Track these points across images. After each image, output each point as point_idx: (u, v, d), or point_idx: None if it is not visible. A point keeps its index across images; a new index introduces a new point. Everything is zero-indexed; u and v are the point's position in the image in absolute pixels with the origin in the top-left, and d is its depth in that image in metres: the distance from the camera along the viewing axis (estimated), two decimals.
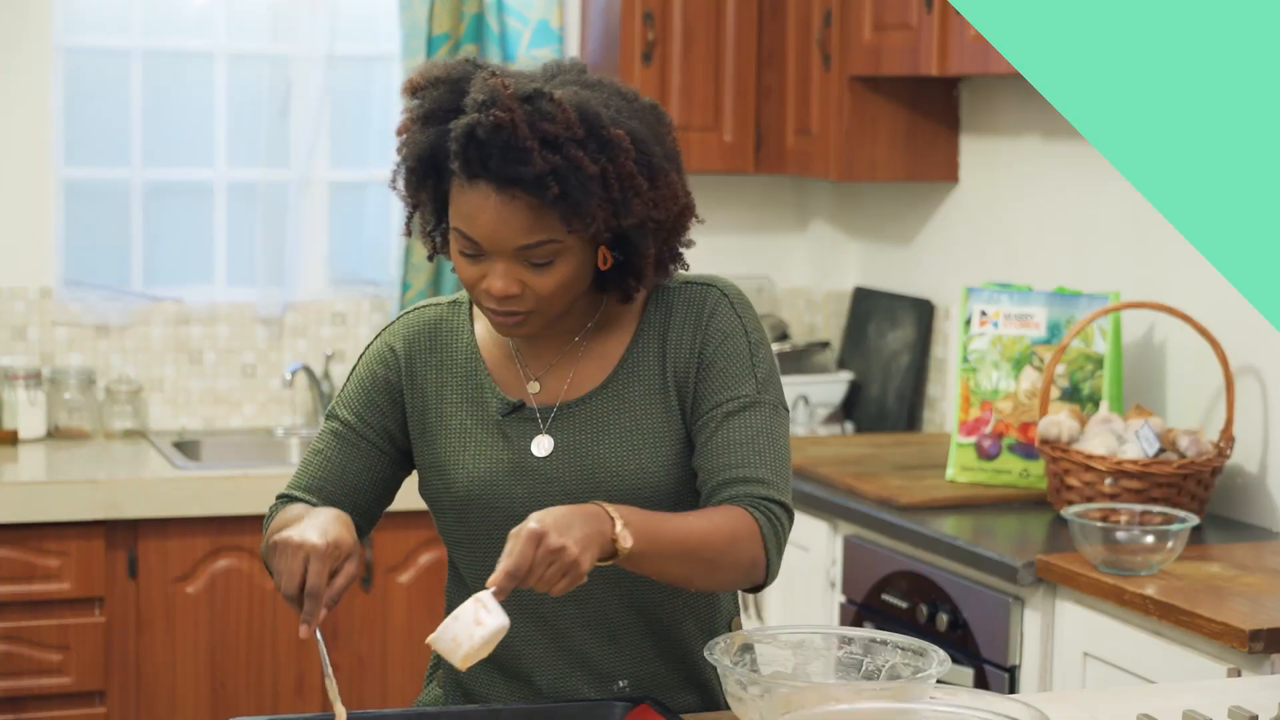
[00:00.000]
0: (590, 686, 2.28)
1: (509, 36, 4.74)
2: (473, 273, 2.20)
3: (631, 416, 2.28)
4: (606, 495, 2.23)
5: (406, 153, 2.23)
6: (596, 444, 2.27)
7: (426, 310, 2.37)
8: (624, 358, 2.30)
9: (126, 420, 4.59)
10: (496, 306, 2.20)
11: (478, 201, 2.15)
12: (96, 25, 4.63)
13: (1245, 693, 2.33)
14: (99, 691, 4.09)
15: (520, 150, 2.11)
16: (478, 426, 2.30)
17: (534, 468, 2.27)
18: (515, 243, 2.15)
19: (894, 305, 4.72)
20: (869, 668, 2.15)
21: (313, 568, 2.08)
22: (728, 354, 2.28)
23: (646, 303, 2.32)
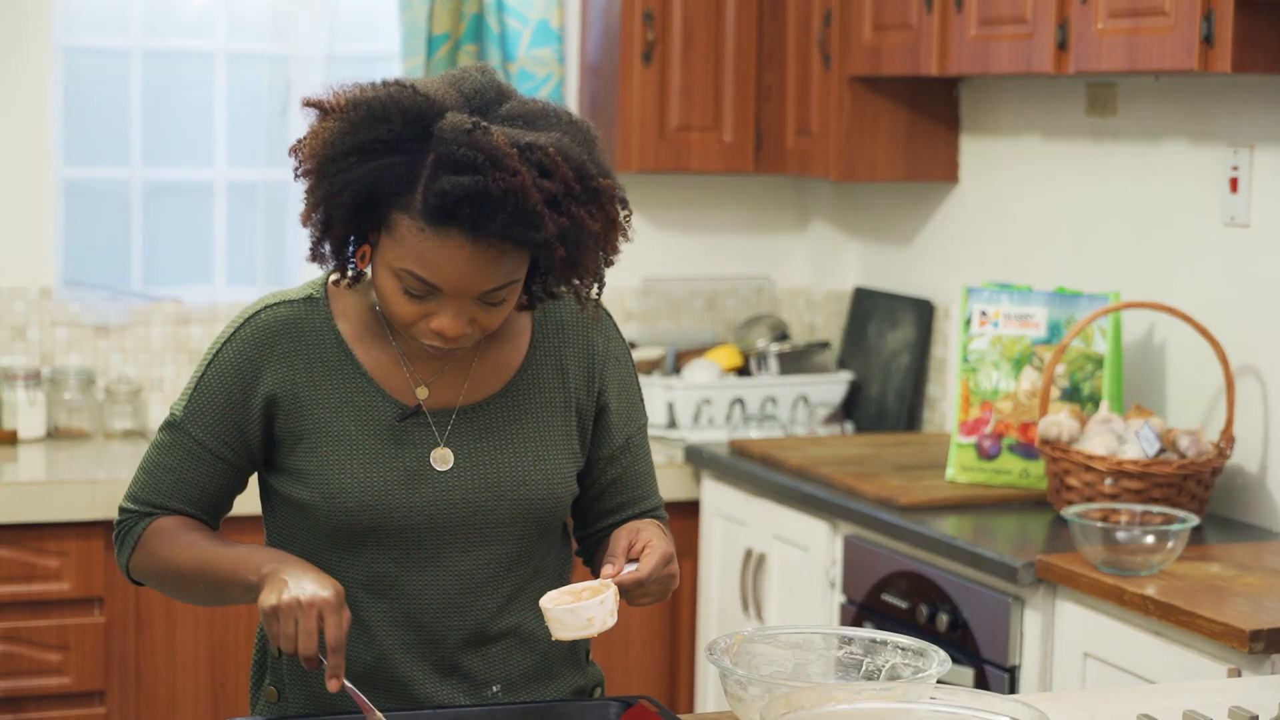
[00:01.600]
0: (465, 694, 2.26)
1: (509, 36, 4.74)
2: (413, 310, 2.12)
3: (534, 426, 2.26)
4: (509, 504, 2.22)
5: (340, 186, 2.08)
6: (500, 451, 2.24)
7: (279, 309, 2.23)
8: (523, 367, 2.27)
9: (126, 420, 4.59)
10: (440, 345, 2.14)
11: (448, 250, 2.06)
12: (96, 25, 4.63)
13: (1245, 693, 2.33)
14: (99, 692, 4.09)
15: (531, 214, 2.04)
16: (364, 433, 2.20)
17: (433, 477, 2.21)
18: (484, 288, 2.09)
19: (894, 305, 4.72)
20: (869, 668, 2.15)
21: (330, 622, 2.04)
22: (625, 381, 2.34)
23: (537, 312, 2.30)
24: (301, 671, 2.27)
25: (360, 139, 2.09)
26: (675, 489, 4.35)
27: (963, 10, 3.95)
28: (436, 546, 2.22)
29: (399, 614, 2.23)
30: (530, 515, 2.25)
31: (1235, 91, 3.68)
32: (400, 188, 2.07)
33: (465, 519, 2.22)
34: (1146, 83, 3.90)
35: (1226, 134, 3.70)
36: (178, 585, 2.23)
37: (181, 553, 2.20)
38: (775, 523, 4.07)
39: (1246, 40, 3.26)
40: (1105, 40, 3.53)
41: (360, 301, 2.26)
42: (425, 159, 2.07)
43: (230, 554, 2.17)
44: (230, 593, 2.16)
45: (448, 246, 2.06)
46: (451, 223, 2.05)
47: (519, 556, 2.27)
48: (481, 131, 2.06)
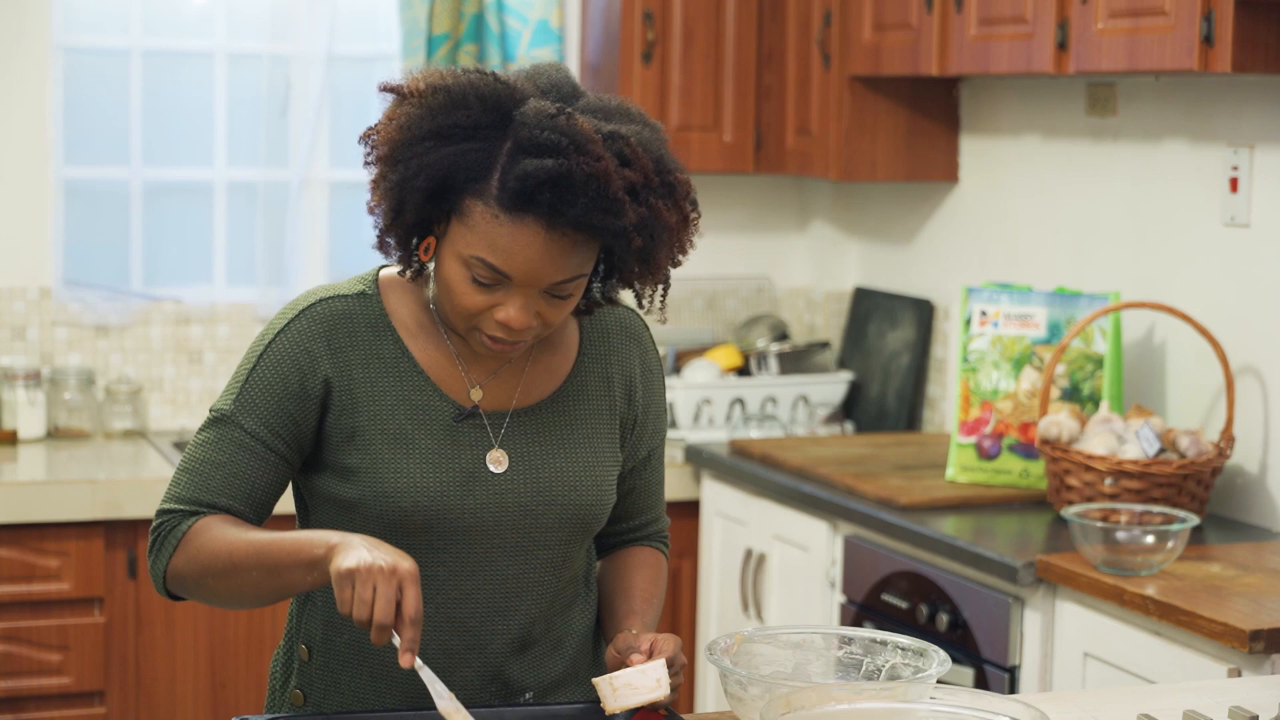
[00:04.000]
0: (500, 700, 2.24)
1: (509, 36, 4.74)
2: (480, 301, 2.10)
3: (583, 433, 2.25)
4: (559, 509, 2.21)
5: (418, 167, 2.07)
6: (552, 456, 2.23)
7: (334, 303, 2.19)
8: (573, 373, 2.27)
9: (126, 420, 4.59)
10: (504, 336, 2.12)
11: (522, 237, 2.05)
12: (96, 25, 4.63)
13: (1245, 693, 2.33)
14: (99, 692, 4.09)
15: (612, 201, 2.04)
16: (421, 432, 2.17)
17: (487, 478, 2.19)
18: (554, 279, 2.08)
19: (894, 305, 4.72)
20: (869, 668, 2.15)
21: (411, 593, 1.97)
22: (658, 397, 2.35)
23: (581, 319, 2.30)
24: (335, 677, 2.24)
25: (438, 124, 2.07)
26: (675, 489, 4.35)
27: (963, 10, 3.95)
28: (486, 550, 2.20)
29: (444, 619, 2.20)
30: (578, 521, 2.24)
31: (1235, 91, 3.67)
32: (476, 174, 2.06)
33: (515, 523, 2.20)
34: (1146, 83, 3.90)
35: (1226, 134, 3.70)
36: (227, 577, 2.11)
37: (233, 542, 2.11)
38: (775, 523, 4.07)
39: (1246, 40, 3.26)
40: (1105, 40, 3.53)
41: (412, 299, 2.23)
42: (503, 145, 2.06)
43: (289, 536, 2.09)
44: (290, 575, 2.07)
45: (522, 234, 2.05)
46: (529, 209, 2.04)
47: (562, 562, 2.25)
48: (566, 117, 2.06)
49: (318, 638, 2.25)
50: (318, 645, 2.25)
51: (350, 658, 2.23)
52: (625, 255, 2.10)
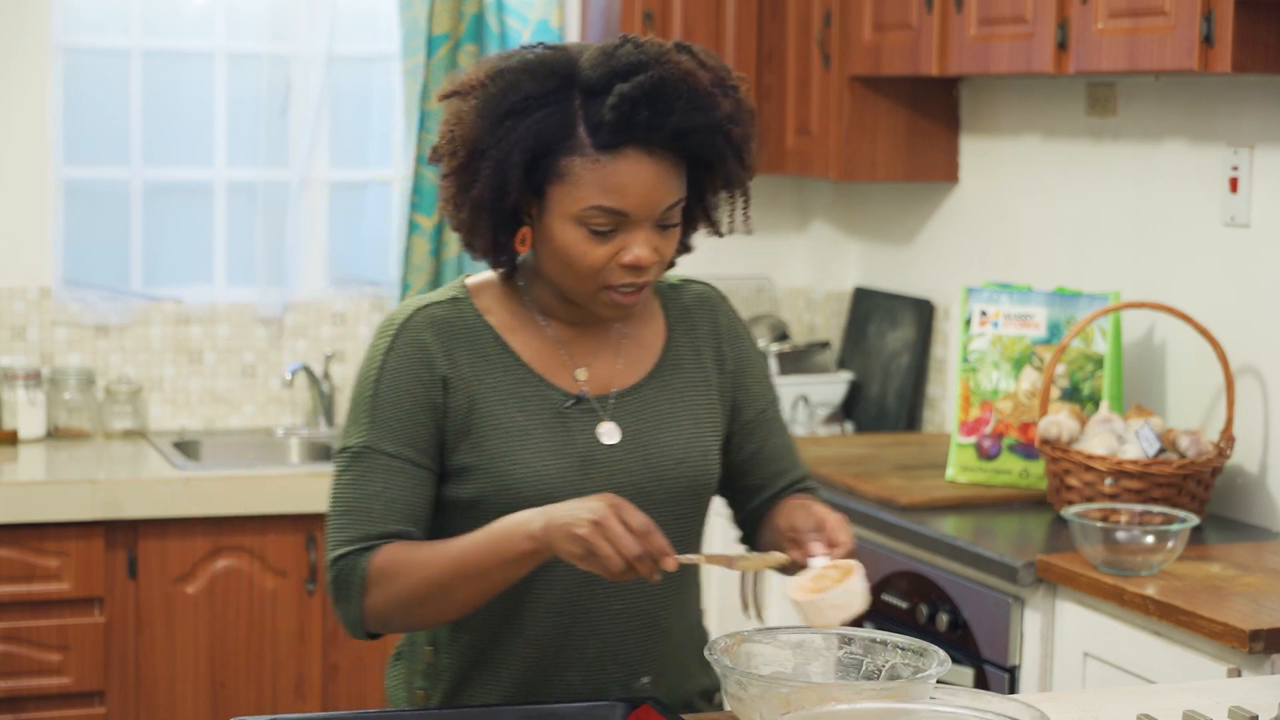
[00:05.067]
0: (617, 684, 2.27)
1: (509, 36, 4.74)
2: (603, 253, 2.15)
3: (685, 407, 2.30)
4: (670, 484, 2.25)
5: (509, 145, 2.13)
6: (659, 432, 2.27)
7: (431, 310, 2.24)
8: (665, 349, 2.32)
9: (126, 420, 4.59)
10: (634, 279, 2.17)
11: (628, 170, 2.12)
12: (96, 25, 4.63)
13: (1245, 693, 2.33)
14: (99, 691, 4.09)
15: (705, 96, 2.13)
16: (533, 422, 2.21)
17: (601, 458, 2.23)
18: (664, 204, 2.15)
19: (894, 305, 4.72)
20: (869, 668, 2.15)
21: (629, 514, 2.02)
22: (752, 359, 2.39)
23: (661, 298, 2.36)
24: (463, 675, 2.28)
25: (510, 103, 2.14)
26: None
27: (963, 10, 3.95)
28: None
29: (565, 603, 2.23)
30: (689, 493, 2.28)
31: (1235, 91, 3.68)
32: (562, 134, 2.12)
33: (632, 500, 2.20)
34: (1146, 83, 3.90)
35: (1226, 134, 3.70)
36: (435, 599, 2.13)
37: (428, 563, 2.13)
38: None
39: (1246, 40, 3.26)
40: (1105, 40, 3.53)
41: (504, 297, 2.28)
42: (574, 102, 2.13)
43: (479, 540, 2.11)
44: (500, 574, 2.10)
45: (627, 166, 2.12)
46: (626, 140, 2.11)
47: (677, 540, 2.25)
48: (632, 44, 2.16)
49: (444, 638, 2.29)
50: (444, 645, 2.30)
51: (475, 657, 2.27)
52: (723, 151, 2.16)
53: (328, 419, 4.77)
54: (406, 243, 4.66)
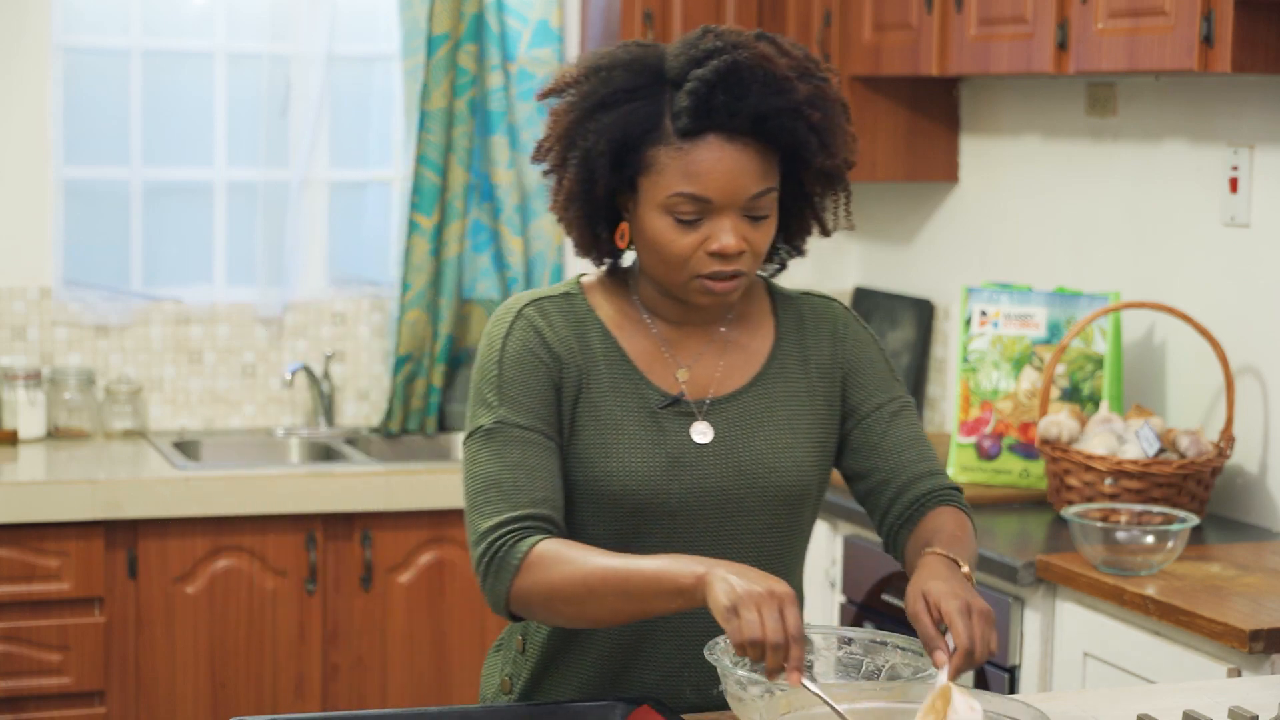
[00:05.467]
0: (693, 688, 2.27)
1: (509, 36, 4.74)
2: (690, 241, 2.17)
3: (783, 416, 2.29)
4: (760, 491, 2.25)
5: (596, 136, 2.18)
6: (752, 438, 2.26)
7: (544, 302, 2.28)
8: (771, 356, 2.32)
9: (126, 420, 4.59)
10: (722, 267, 2.18)
11: (709, 156, 2.15)
12: (96, 25, 4.63)
13: (1245, 693, 2.33)
14: (99, 691, 4.09)
15: (781, 80, 2.15)
16: (629, 417, 2.24)
17: (691, 461, 2.23)
18: (749, 191, 2.16)
19: (894, 305, 4.72)
20: (869, 668, 2.15)
21: (790, 613, 1.97)
22: (870, 360, 2.36)
23: (775, 307, 2.36)
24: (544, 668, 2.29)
25: (601, 96, 2.20)
26: None
27: (963, 10, 3.95)
28: (689, 534, 2.23)
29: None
30: (780, 503, 2.26)
31: (1235, 91, 3.67)
32: (649, 125, 2.17)
33: (719, 505, 2.23)
34: (1146, 83, 3.90)
35: (1226, 134, 3.70)
36: (582, 602, 2.12)
37: (586, 567, 2.12)
38: None
39: (1246, 40, 3.26)
40: (1105, 40, 3.53)
41: (614, 295, 2.31)
42: (664, 95, 2.18)
43: (645, 563, 2.09)
44: (652, 603, 2.08)
45: (708, 153, 2.15)
46: (707, 126, 2.14)
47: (764, 549, 2.26)
48: (712, 33, 2.20)
49: (532, 630, 2.32)
50: (531, 637, 2.32)
51: (557, 649, 2.29)
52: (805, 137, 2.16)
53: (328, 419, 4.77)
54: (406, 243, 4.66)
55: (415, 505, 4.28)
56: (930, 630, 2.05)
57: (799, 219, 2.30)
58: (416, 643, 4.31)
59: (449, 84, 4.64)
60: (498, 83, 4.70)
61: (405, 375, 4.71)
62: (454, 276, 4.70)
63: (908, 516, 2.31)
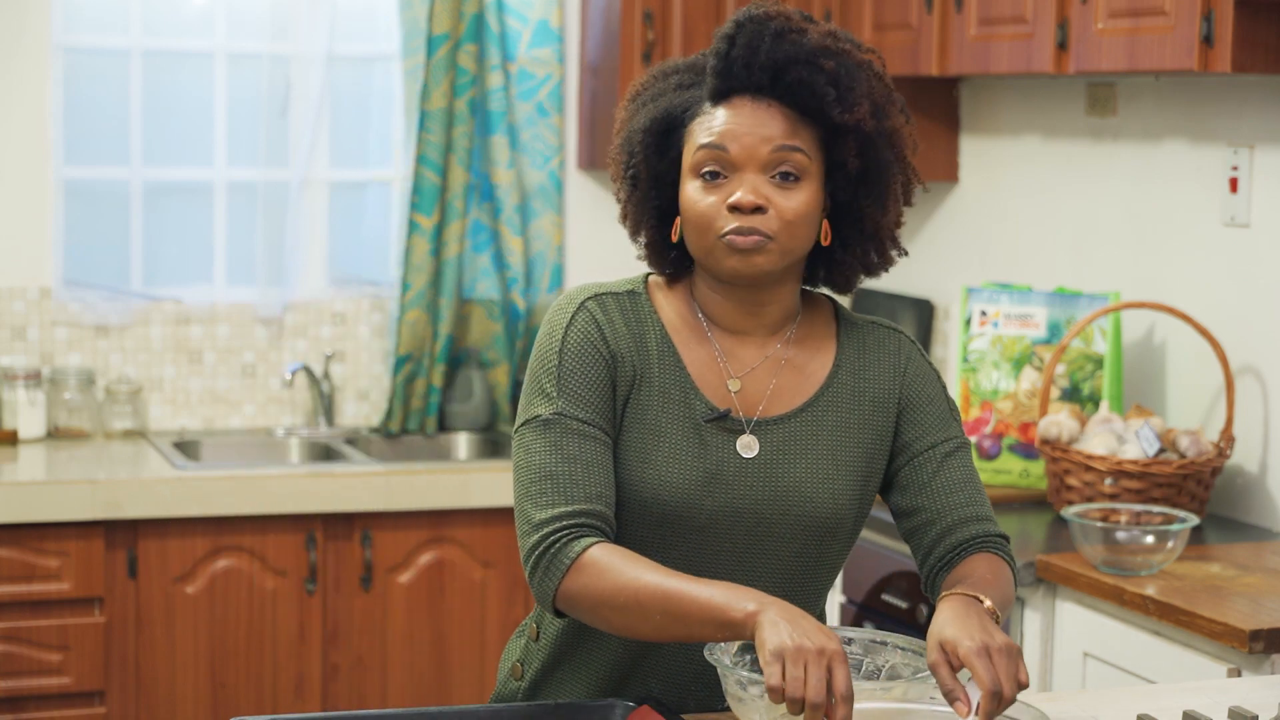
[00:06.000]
0: (698, 702, 2.26)
1: (509, 36, 4.74)
2: (713, 199, 2.17)
3: (828, 445, 2.25)
4: (795, 518, 2.21)
5: (638, 120, 2.24)
6: (793, 465, 2.23)
7: (607, 298, 2.26)
8: (826, 383, 2.27)
9: (126, 420, 4.59)
10: (741, 222, 2.16)
11: (730, 113, 2.18)
12: (96, 25, 4.63)
13: (1245, 693, 2.33)
14: (99, 691, 4.09)
15: (794, 30, 2.18)
16: (674, 426, 2.21)
17: (730, 478, 2.20)
18: (770, 144, 2.16)
19: (894, 305, 4.72)
20: (869, 668, 2.14)
21: (840, 672, 1.92)
22: (930, 397, 2.30)
23: (839, 332, 2.31)
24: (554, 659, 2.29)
25: (654, 91, 2.27)
26: None
27: (963, 10, 3.95)
28: (716, 552, 2.21)
29: None
30: (810, 532, 2.23)
31: (1235, 91, 3.67)
32: (690, 104, 2.22)
33: (750, 527, 2.21)
34: (1146, 83, 3.90)
35: (1226, 134, 3.70)
36: (628, 613, 2.09)
37: (638, 581, 2.09)
38: None
39: (1246, 40, 3.26)
40: (1105, 40, 3.53)
41: (678, 301, 2.29)
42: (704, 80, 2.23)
43: (699, 587, 2.05)
44: (700, 628, 2.04)
45: (730, 110, 2.18)
46: (730, 88, 2.18)
47: (790, 575, 2.24)
48: (756, 3, 2.24)
49: (547, 621, 2.31)
50: (545, 629, 2.31)
51: (569, 642, 2.28)
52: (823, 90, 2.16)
53: (328, 419, 4.77)
54: (406, 243, 4.66)
55: (415, 505, 4.28)
56: (949, 682, 1.99)
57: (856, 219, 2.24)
58: (416, 643, 4.31)
59: (449, 84, 4.64)
60: (498, 83, 4.70)
61: (405, 375, 4.71)
62: (454, 276, 4.70)
63: (948, 560, 2.27)
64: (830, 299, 2.35)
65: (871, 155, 2.20)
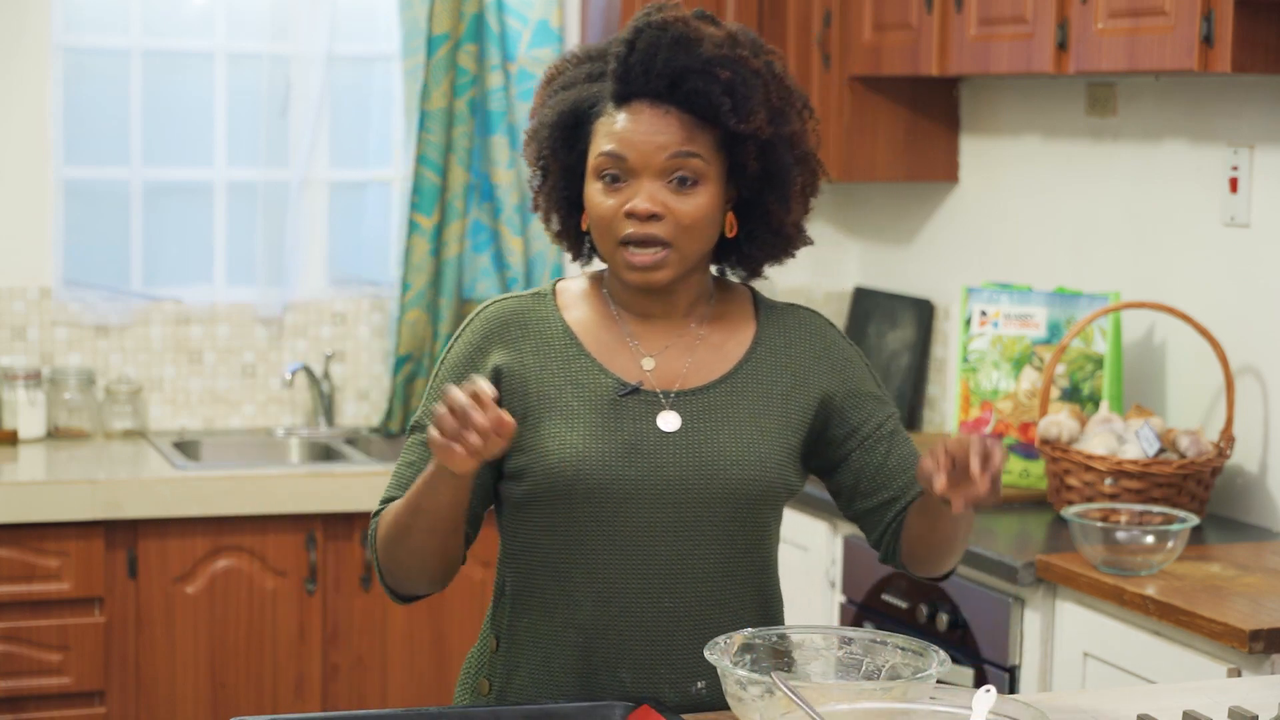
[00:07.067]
0: (669, 685, 2.27)
1: (509, 36, 4.74)
2: (613, 203, 2.22)
3: (750, 413, 2.29)
4: (721, 484, 2.25)
5: (547, 114, 2.27)
6: (715, 432, 2.27)
7: (507, 302, 2.34)
8: (745, 357, 2.32)
9: (126, 420, 4.59)
10: (637, 230, 2.21)
11: (629, 118, 2.21)
12: (96, 25, 4.63)
13: (1245, 693, 2.33)
14: (99, 691, 4.09)
15: (690, 40, 2.19)
16: (586, 408, 2.25)
17: (650, 449, 2.24)
18: (666, 151, 2.20)
19: (894, 305, 4.72)
20: (869, 668, 2.15)
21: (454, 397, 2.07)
22: (862, 378, 2.37)
23: (758, 314, 2.36)
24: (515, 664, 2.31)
25: (565, 79, 2.30)
26: None
27: (963, 10, 3.95)
28: (648, 524, 2.24)
29: (610, 595, 2.25)
30: (739, 497, 2.26)
31: (1235, 91, 3.68)
32: (596, 99, 2.25)
33: (676, 496, 2.24)
34: (1146, 83, 3.90)
35: (1226, 134, 3.70)
36: (400, 541, 2.24)
37: (395, 508, 2.25)
38: None
39: (1246, 40, 3.26)
40: (1105, 40, 3.53)
41: (588, 295, 2.34)
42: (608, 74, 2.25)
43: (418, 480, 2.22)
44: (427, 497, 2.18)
45: (629, 115, 2.21)
46: (630, 92, 2.21)
47: (728, 541, 2.27)
48: (651, 8, 2.25)
49: (504, 626, 2.34)
50: (504, 635, 2.34)
51: (529, 643, 2.30)
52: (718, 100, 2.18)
53: (328, 419, 4.77)
54: (406, 243, 4.66)
55: None
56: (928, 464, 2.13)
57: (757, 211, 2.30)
58: (416, 643, 4.31)
59: (449, 84, 4.64)
60: (498, 83, 4.70)
61: (405, 375, 4.71)
62: (454, 276, 4.70)
63: (902, 521, 2.34)
64: (749, 287, 2.40)
65: (771, 158, 2.27)
